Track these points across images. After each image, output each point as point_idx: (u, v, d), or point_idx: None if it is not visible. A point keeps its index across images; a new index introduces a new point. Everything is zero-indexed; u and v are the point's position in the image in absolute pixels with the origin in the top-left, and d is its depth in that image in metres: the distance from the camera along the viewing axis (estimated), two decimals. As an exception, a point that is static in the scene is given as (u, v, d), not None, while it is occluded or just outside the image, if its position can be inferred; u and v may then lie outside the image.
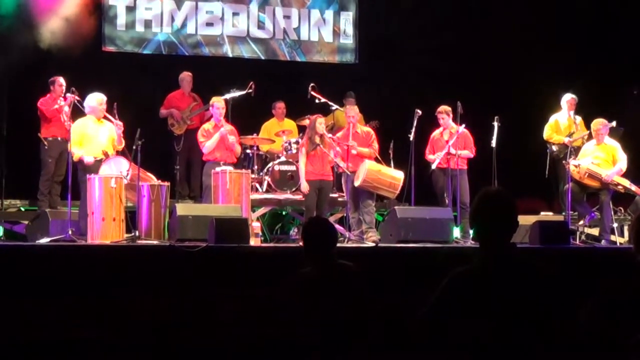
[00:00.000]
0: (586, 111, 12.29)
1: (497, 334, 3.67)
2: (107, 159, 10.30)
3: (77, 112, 10.65)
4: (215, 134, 11.04)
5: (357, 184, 10.94)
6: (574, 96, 12.32)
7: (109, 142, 10.49)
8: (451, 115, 11.37)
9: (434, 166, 11.27)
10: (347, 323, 5.03)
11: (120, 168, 10.18)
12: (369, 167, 10.96)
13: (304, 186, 10.93)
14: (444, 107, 11.39)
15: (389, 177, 11.06)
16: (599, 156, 11.31)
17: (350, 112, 11.40)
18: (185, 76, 12.86)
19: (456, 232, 10.82)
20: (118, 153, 10.59)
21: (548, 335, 3.69)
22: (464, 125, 11.33)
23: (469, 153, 11.40)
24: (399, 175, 11.10)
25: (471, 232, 10.24)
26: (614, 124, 11.57)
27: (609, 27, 14.31)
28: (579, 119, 12.22)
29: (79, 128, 10.38)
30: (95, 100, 10.48)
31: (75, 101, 10.53)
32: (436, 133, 11.50)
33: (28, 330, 6.52)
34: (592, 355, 3.83)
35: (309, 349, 4.96)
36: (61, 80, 11.37)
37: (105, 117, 10.49)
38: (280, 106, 13.01)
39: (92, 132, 10.42)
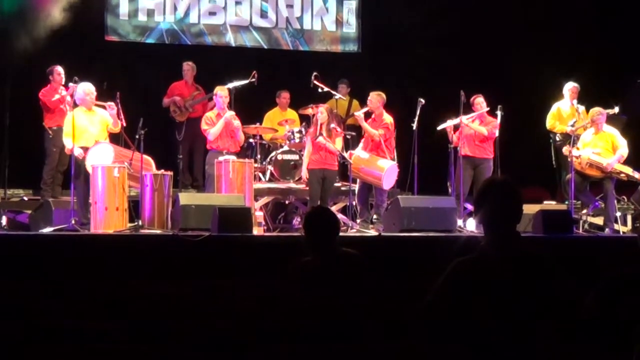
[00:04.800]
0: (588, 100, 12.25)
1: (499, 322, 3.67)
2: (94, 145, 10.23)
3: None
4: (219, 121, 11.04)
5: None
6: (576, 84, 12.26)
7: (101, 130, 10.43)
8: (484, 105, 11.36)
9: (441, 127, 11.25)
10: (348, 310, 5.03)
11: (104, 156, 10.12)
12: (354, 157, 10.96)
13: (304, 173, 11.02)
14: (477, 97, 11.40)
15: (371, 168, 10.96)
16: (598, 145, 11.27)
17: (370, 97, 11.33)
18: (188, 66, 12.85)
19: (472, 225, 10.77)
20: (115, 139, 10.57)
21: (551, 324, 3.69)
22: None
23: (483, 130, 11.33)
24: (381, 167, 10.96)
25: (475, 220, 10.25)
26: (616, 110, 11.52)
27: (611, 15, 14.27)
28: (581, 107, 12.15)
29: (70, 121, 10.23)
30: (82, 91, 10.41)
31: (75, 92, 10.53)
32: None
33: (31, 320, 6.52)
34: (596, 345, 3.83)
35: (310, 337, 4.96)
36: (59, 68, 11.35)
37: (96, 105, 10.44)
38: (285, 96, 12.98)
39: (84, 123, 10.32)
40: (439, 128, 11.32)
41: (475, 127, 11.30)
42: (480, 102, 11.39)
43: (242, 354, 5.00)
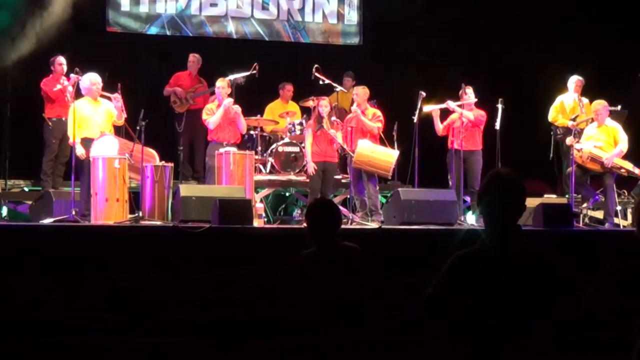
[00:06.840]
0: (590, 94, 12.23)
1: (498, 314, 3.67)
2: (99, 137, 10.22)
3: (81, 92, 10.63)
4: (219, 109, 11.00)
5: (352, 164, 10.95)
6: (580, 78, 12.19)
7: (106, 121, 10.38)
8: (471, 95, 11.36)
9: (427, 108, 11.22)
10: (348, 303, 5.03)
11: (108, 148, 10.10)
12: (360, 148, 10.92)
13: (310, 167, 10.92)
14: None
15: (380, 157, 10.96)
16: (600, 139, 11.25)
17: (356, 91, 11.35)
18: (194, 58, 12.82)
19: (471, 219, 10.78)
20: (116, 130, 10.56)
21: (549, 317, 3.69)
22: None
23: (469, 114, 11.26)
24: (391, 155, 11.01)
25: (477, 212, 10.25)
26: (618, 107, 11.51)
27: (614, 8, 14.24)
28: (585, 100, 12.09)
29: (74, 112, 10.16)
30: (89, 80, 10.39)
31: (79, 81, 10.52)
32: (454, 116, 11.41)
33: (31, 311, 6.53)
34: (598, 337, 3.83)
35: (310, 330, 4.96)
36: (61, 59, 11.34)
37: (102, 96, 10.43)
38: (289, 88, 12.95)
39: (89, 113, 10.28)
40: (425, 109, 11.27)
41: (459, 110, 11.22)
42: (469, 93, 11.36)
43: (242, 346, 5.00)
